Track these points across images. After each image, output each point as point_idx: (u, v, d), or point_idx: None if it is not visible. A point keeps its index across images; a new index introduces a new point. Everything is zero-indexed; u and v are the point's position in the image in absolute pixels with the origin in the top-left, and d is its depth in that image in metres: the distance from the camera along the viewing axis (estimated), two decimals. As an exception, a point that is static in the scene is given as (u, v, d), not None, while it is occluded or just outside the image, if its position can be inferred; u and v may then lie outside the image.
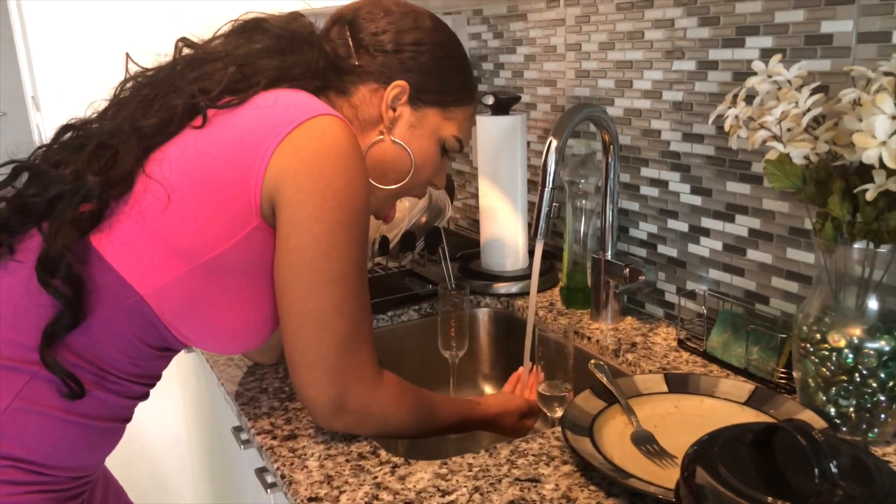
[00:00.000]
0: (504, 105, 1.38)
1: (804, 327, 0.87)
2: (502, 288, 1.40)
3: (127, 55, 0.91)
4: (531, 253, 1.45)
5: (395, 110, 0.94)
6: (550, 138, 1.08)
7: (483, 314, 1.41)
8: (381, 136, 0.95)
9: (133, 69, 0.90)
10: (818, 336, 0.86)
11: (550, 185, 1.08)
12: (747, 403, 0.92)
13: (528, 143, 1.52)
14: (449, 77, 0.97)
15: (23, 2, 1.58)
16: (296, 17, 0.95)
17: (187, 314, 0.81)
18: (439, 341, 1.26)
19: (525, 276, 1.41)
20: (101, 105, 0.89)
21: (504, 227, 1.42)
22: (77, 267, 0.76)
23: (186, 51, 0.91)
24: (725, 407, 0.93)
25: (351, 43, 0.94)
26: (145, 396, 0.88)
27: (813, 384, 0.87)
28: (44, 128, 1.68)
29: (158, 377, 0.89)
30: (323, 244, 0.79)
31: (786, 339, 0.99)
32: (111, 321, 0.79)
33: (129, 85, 0.89)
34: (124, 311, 0.79)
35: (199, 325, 0.83)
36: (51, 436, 0.78)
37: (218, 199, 0.79)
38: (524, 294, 1.39)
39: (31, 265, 0.77)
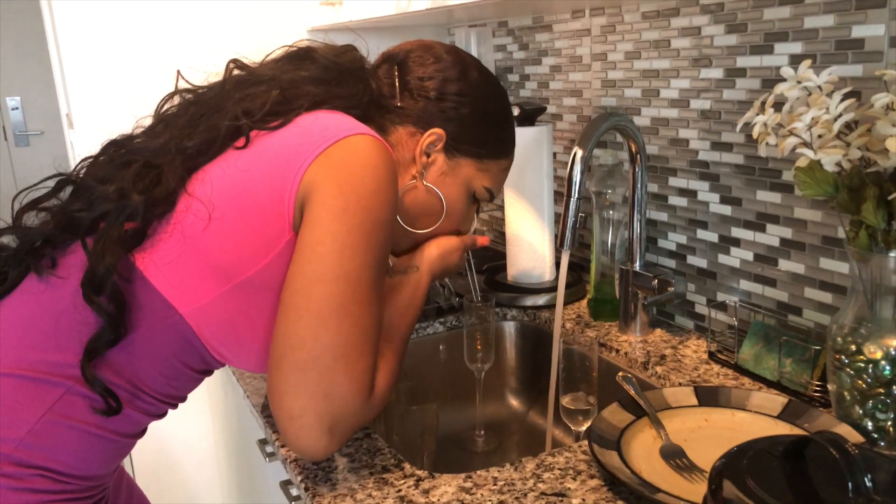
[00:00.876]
0: (530, 116, 1.38)
1: (839, 339, 0.85)
2: (529, 300, 1.39)
3: (178, 72, 0.93)
4: (558, 265, 1.44)
5: (429, 156, 0.95)
6: (576, 148, 1.07)
7: (509, 327, 1.40)
8: (415, 181, 0.95)
9: (181, 86, 0.92)
10: (853, 347, 0.83)
11: (576, 196, 1.07)
12: (780, 417, 0.90)
13: (555, 154, 1.51)
14: (487, 131, 0.98)
15: (58, 22, 1.62)
16: (348, 49, 0.96)
17: (225, 333, 0.81)
18: (465, 354, 1.25)
19: (552, 288, 1.40)
20: (146, 121, 0.91)
21: (530, 238, 1.41)
22: (121, 285, 0.77)
23: (237, 72, 0.92)
24: (758, 420, 0.91)
25: (397, 83, 0.95)
26: (164, 415, 0.88)
27: (849, 397, 0.85)
28: (77, 145, 1.71)
29: (185, 399, 0.89)
30: (337, 241, 0.77)
31: (820, 350, 0.96)
32: (151, 340, 0.79)
33: (175, 101, 0.91)
34: (165, 331, 0.79)
35: (235, 344, 0.82)
36: (79, 449, 0.79)
37: (255, 216, 0.79)
38: (551, 306, 1.38)
39: (74, 281, 0.78)
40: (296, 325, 0.77)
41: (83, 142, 1.66)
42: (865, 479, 0.49)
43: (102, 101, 1.64)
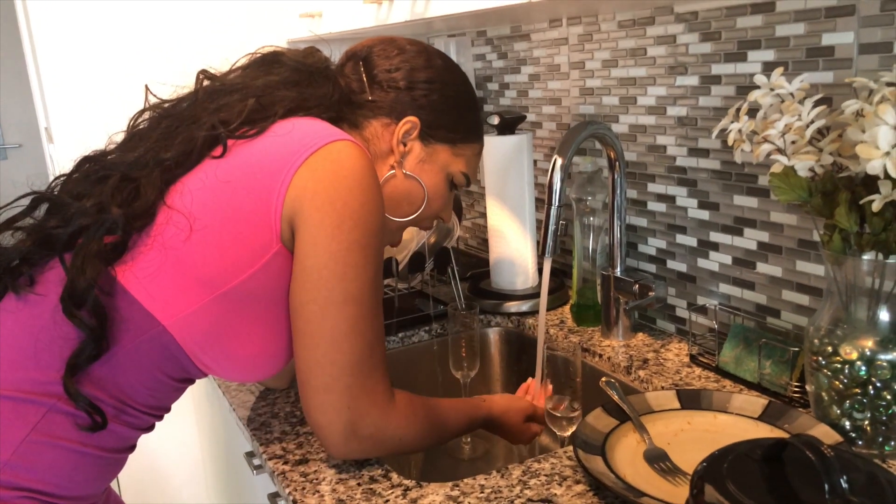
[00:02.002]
0: (510, 124, 1.39)
1: (815, 340, 0.87)
2: (512, 307, 1.40)
3: (146, 87, 0.93)
4: (541, 271, 1.45)
5: (405, 145, 0.96)
6: (555, 156, 1.09)
7: (494, 333, 1.41)
8: (394, 170, 0.97)
9: (151, 101, 0.92)
10: (830, 349, 0.85)
11: (557, 203, 1.08)
12: (761, 418, 0.92)
13: (535, 162, 1.53)
14: (459, 115, 0.99)
15: (35, 34, 1.61)
16: (312, 51, 0.97)
17: (209, 343, 0.82)
18: (450, 362, 1.25)
19: (535, 294, 1.41)
20: (118, 136, 0.90)
21: (513, 245, 1.42)
22: (102, 299, 0.77)
23: (206, 83, 0.92)
24: (739, 422, 0.92)
25: (365, 79, 0.96)
26: (152, 428, 0.88)
27: (827, 397, 0.86)
28: (57, 159, 1.70)
29: (169, 409, 0.89)
30: (339, 263, 0.80)
31: (798, 352, 0.98)
32: (133, 353, 0.79)
33: (146, 116, 0.91)
34: (147, 343, 0.79)
35: (220, 353, 0.83)
36: (65, 467, 0.78)
37: (239, 227, 0.80)
38: (534, 312, 1.39)
39: (52, 297, 0.78)
40: (314, 352, 0.81)
41: (63, 155, 1.65)
42: (841, 480, 0.51)
43: (82, 114, 1.64)
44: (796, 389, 0.99)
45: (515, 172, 1.39)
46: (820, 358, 0.86)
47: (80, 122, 1.64)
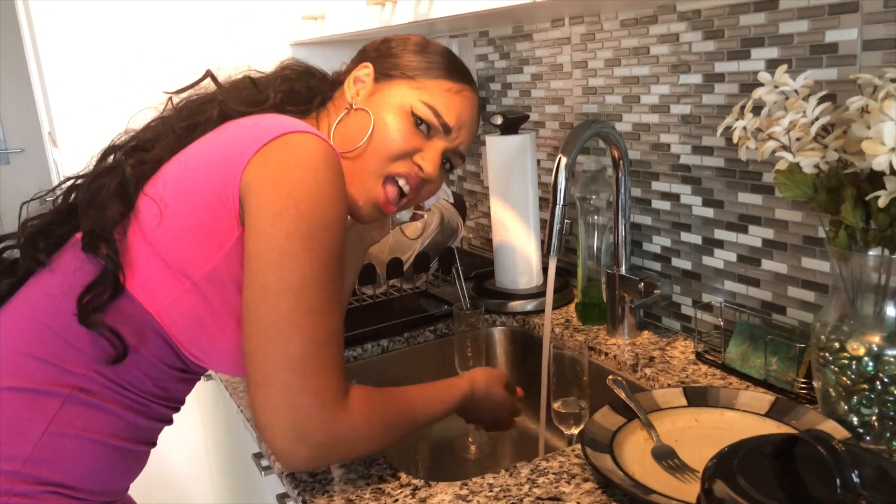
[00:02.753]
0: (513, 124, 1.39)
1: (822, 336, 0.87)
2: (517, 306, 1.40)
3: (169, 98, 0.97)
4: (545, 270, 1.45)
5: (362, 83, 0.97)
6: (560, 155, 1.09)
7: (499, 333, 1.41)
8: (346, 110, 0.95)
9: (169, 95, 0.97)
10: (837, 345, 0.85)
11: (562, 202, 1.09)
12: (768, 415, 0.92)
13: (539, 161, 1.53)
14: (415, 55, 0.97)
15: (38, 38, 1.62)
16: (323, 75, 1.03)
17: (194, 332, 0.82)
18: (456, 361, 1.26)
19: (540, 293, 1.42)
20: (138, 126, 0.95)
21: (517, 245, 1.42)
22: (117, 243, 0.81)
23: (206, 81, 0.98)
24: (746, 419, 0.93)
25: (350, 63, 1.01)
26: (170, 421, 0.89)
27: (834, 393, 0.86)
28: (61, 164, 1.71)
29: (182, 401, 0.90)
30: (276, 250, 0.76)
31: (804, 348, 0.98)
32: (134, 344, 0.80)
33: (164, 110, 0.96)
34: (140, 331, 0.80)
35: (206, 343, 0.83)
36: (85, 459, 0.79)
37: (202, 212, 0.80)
38: (539, 312, 1.39)
39: (64, 281, 0.80)
40: (249, 343, 0.77)
41: (67, 160, 1.65)
42: (853, 475, 0.51)
43: (86, 119, 1.64)
44: (803, 386, 0.99)
45: (519, 172, 1.39)
46: (827, 354, 0.86)
47: (84, 127, 1.64)
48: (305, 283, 0.77)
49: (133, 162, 0.85)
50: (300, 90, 0.96)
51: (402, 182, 0.94)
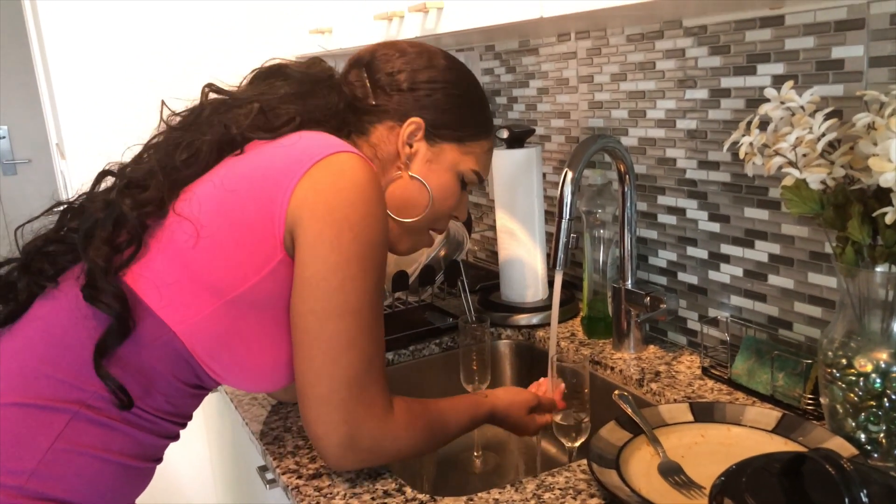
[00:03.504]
0: (519, 138, 1.40)
1: (829, 353, 0.87)
2: (523, 319, 1.40)
3: (162, 102, 0.95)
4: (551, 284, 1.45)
5: (411, 146, 0.97)
6: (566, 170, 1.09)
7: (504, 346, 1.41)
8: (400, 173, 0.97)
9: (166, 115, 0.94)
10: (844, 361, 0.85)
11: (568, 216, 1.09)
12: (775, 431, 0.91)
13: (544, 175, 1.53)
14: (464, 113, 0.99)
15: (47, 49, 1.63)
16: (316, 62, 0.99)
17: (218, 351, 0.82)
18: (461, 375, 1.25)
19: (545, 306, 1.42)
20: (137, 149, 0.93)
21: (523, 258, 1.42)
22: (120, 284, 0.79)
23: (213, 96, 0.94)
24: (753, 435, 0.92)
25: (368, 84, 0.97)
26: (176, 437, 0.89)
27: (841, 410, 0.86)
28: (69, 175, 1.72)
29: (190, 417, 0.90)
30: (338, 275, 0.80)
31: (811, 364, 0.98)
32: (146, 359, 0.80)
33: (162, 130, 0.93)
34: (159, 349, 0.81)
35: (229, 362, 0.84)
36: (91, 476, 0.79)
37: (245, 235, 0.81)
38: (545, 325, 1.39)
39: (72, 300, 0.80)
40: (311, 364, 0.82)
41: (75, 171, 1.66)
42: (861, 494, 0.51)
43: (93, 131, 1.65)
44: (810, 402, 0.98)
45: (525, 185, 1.40)
46: (834, 370, 0.86)
47: (93, 139, 1.65)
48: (363, 302, 0.82)
49: (130, 203, 0.82)
50: (313, 111, 0.93)
51: None
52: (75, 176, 1.65)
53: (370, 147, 0.96)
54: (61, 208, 0.90)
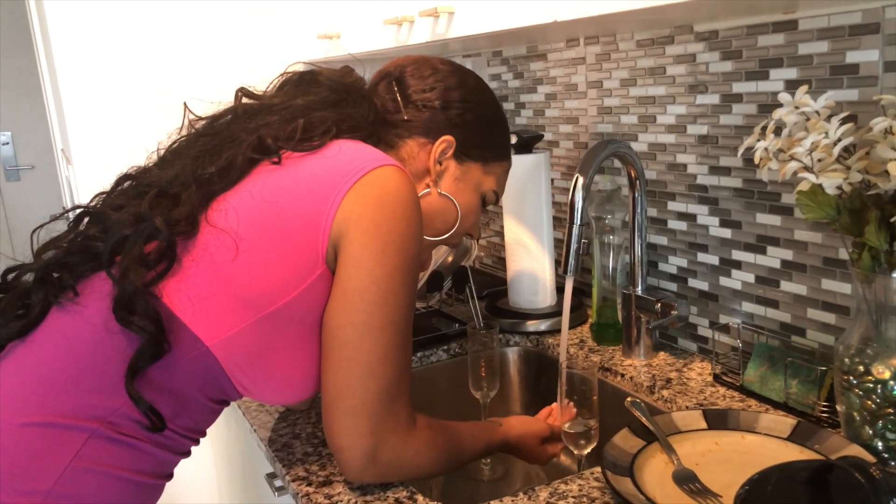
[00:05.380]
0: (527, 143, 1.39)
1: (846, 359, 0.86)
2: (532, 326, 1.40)
3: (185, 105, 0.94)
4: (559, 290, 1.45)
5: (441, 164, 0.97)
6: (577, 175, 1.09)
7: (513, 353, 1.40)
8: (429, 189, 0.97)
9: (189, 118, 0.93)
10: (861, 368, 0.84)
11: (579, 222, 1.08)
12: (790, 439, 0.90)
13: (552, 181, 1.52)
14: (491, 134, 1.00)
15: (54, 54, 1.63)
16: (349, 71, 0.99)
17: (250, 365, 0.81)
18: (470, 382, 1.24)
19: (553, 313, 1.41)
20: (158, 153, 0.91)
21: (531, 264, 1.41)
22: (153, 302, 0.77)
23: (245, 100, 0.94)
24: (768, 442, 0.91)
25: (399, 98, 0.97)
26: (189, 453, 0.87)
27: (858, 418, 0.85)
28: (75, 182, 1.71)
29: (205, 433, 0.88)
30: (382, 288, 0.80)
31: (826, 371, 0.97)
32: (176, 376, 0.79)
33: (184, 133, 0.92)
34: (189, 363, 0.79)
35: (260, 375, 0.83)
36: (108, 494, 0.78)
37: (286, 248, 0.80)
38: (554, 331, 1.38)
39: (94, 315, 0.78)
40: (347, 375, 0.81)
41: (82, 178, 1.66)
42: (892, 503, 0.50)
43: (100, 135, 1.65)
44: (824, 409, 0.97)
45: (533, 191, 1.39)
46: (851, 377, 0.85)
47: (100, 145, 1.64)
48: (401, 316, 0.83)
49: (162, 220, 0.79)
50: (346, 120, 0.91)
51: None
52: (82, 181, 1.64)
53: (399, 161, 0.96)
54: (77, 212, 0.87)
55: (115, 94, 1.65)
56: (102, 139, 1.63)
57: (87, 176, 1.63)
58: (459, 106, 0.97)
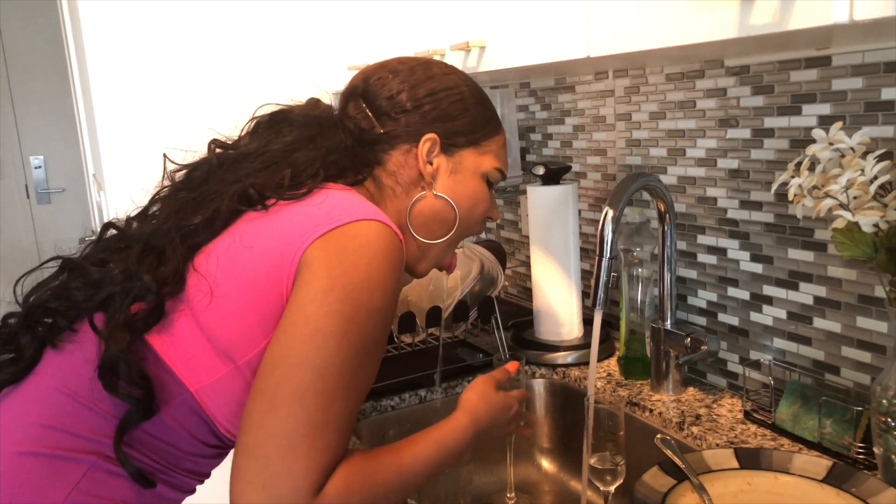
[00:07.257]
0: (555, 175, 1.39)
1: (884, 401, 0.84)
2: (558, 358, 1.38)
3: (164, 155, 0.93)
4: (586, 322, 1.44)
5: (432, 164, 0.94)
6: (606, 208, 1.08)
7: (539, 385, 1.39)
8: (424, 192, 0.94)
9: (170, 167, 0.93)
10: (899, 410, 0.82)
11: (608, 255, 1.07)
12: (826, 481, 0.88)
13: (580, 212, 1.52)
14: (472, 114, 0.96)
15: (91, 81, 1.65)
16: (317, 102, 0.97)
17: (234, 413, 0.80)
18: (496, 414, 1.23)
19: (580, 345, 1.40)
20: (142, 203, 0.91)
21: (558, 295, 1.41)
22: (141, 365, 0.77)
23: (219, 151, 0.93)
24: (802, 484, 0.89)
25: (370, 114, 0.94)
26: (193, 491, 0.87)
27: (896, 461, 0.83)
28: (106, 207, 1.73)
29: (208, 474, 0.88)
30: (310, 325, 0.74)
31: (862, 411, 0.95)
32: (166, 417, 0.79)
33: (167, 184, 0.92)
34: (178, 407, 0.79)
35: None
36: None
37: (254, 295, 0.78)
38: (580, 364, 1.37)
39: (90, 353, 0.78)
40: (249, 408, 0.74)
41: (114, 203, 1.68)
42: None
43: (133, 161, 1.67)
44: (860, 450, 0.95)
45: (560, 222, 1.39)
46: (889, 419, 0.83)
47: (132, 169, 1.66)
48: (329, 364, 0.74)
49: (150, 278, 0.78)
50: (327, 155, 0.89)
51: None
52: (113, 206, 1.66)
53: (390, 175, 0.93)
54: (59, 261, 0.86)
55: (149, 122, 1.68)
56: (136, 166, 1.66)
57: (119, 202, 1.66)
58: (430, 100, 0.93)
